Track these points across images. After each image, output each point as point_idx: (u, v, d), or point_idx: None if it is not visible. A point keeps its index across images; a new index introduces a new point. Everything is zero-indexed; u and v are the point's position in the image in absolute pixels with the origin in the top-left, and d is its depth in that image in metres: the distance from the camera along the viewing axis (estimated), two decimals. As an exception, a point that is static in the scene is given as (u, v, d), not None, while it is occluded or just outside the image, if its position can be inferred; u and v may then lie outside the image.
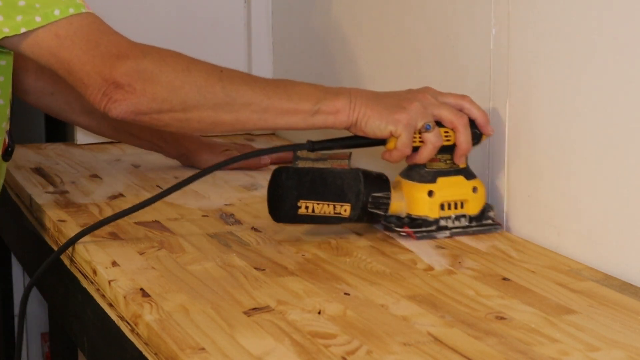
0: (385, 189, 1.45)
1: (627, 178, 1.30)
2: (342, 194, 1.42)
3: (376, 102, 1.43)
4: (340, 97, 1.42)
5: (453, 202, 1.46)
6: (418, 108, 1.43)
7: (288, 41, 2.21)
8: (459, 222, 1.46)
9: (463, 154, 1.46)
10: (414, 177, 1.46)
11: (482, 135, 1.47)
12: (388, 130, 1.42)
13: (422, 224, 1.45)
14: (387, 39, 1.82)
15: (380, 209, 1.44)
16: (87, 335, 1.43)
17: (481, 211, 1.48)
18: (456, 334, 1.11)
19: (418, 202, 1.45)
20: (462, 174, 1.48)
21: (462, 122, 1.44)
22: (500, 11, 1.51)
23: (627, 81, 1.28)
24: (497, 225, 1.48)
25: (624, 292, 1.24)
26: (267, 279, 1.29)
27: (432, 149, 1.44)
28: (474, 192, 1.48)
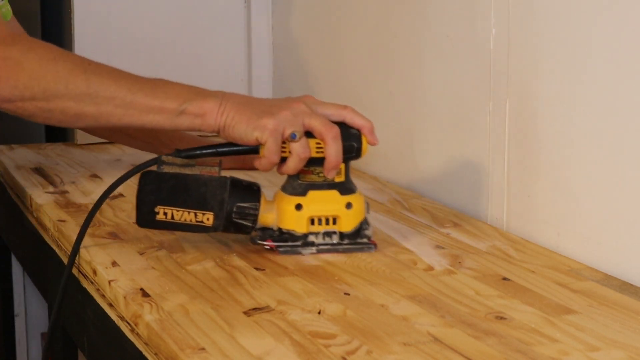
0: (252, 200, 1.37)
1: (627, 178, 1.30)
2: (204, 202, 1.35)
3: (246, 107, 1.36)
4: (209, 100, 1.37)
5: (324, 217, 1.39)
6: (287, 116, 1.35)
7: (288, 41, 2.21)
8: (329, 239, 1.39)
9: (332, 167, 1.36)
10: (287, 189, 1.40)
11: (362, 149, 1.38)
12: (254, 137, 1.35)
13: (288, 239, 1.38)
14: (387, 39, 1.82)
15: (246, 220, 1.36)
16: (87, 335, 1.43)
17: (356, 229, 1.39)
18: (456, 334, 1.11)
19: (286, 215, 1.38)
20: (336, 189, 1.39)
21: (330, 134, 1.35)
22: (500, 11, 1.51)
23: (627, 81, 1.28)
24: (371, 245, 1.40)
25: (624, 292, 1.24)
26: (267, 279, 1.29)
27: (297, 160, 1.35)
28: (347, 208, 1.39)
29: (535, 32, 1.44)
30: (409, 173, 1.78)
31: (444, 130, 1.67)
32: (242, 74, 2.27)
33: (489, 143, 1.55)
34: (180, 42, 2.22)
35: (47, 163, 1.98)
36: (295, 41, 2.19)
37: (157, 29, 2.20)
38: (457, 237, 1.47)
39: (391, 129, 1.83)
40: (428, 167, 1.73)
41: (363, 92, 1.92)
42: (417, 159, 1.76)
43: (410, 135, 1.77)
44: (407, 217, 1.58)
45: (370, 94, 1.89)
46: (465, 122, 1.62)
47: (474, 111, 1.59)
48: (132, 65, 2.19)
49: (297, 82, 2.18)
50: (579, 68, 1.37)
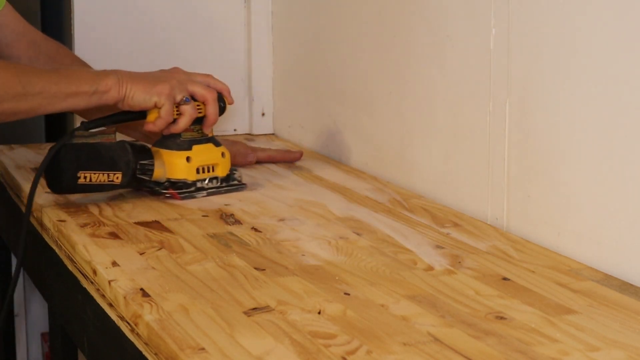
0: (150, 157, 1.63)
1: (627, 178, 1.30)
2: (114, 164, 1.59)
3: (140, 78, 1.62)
4: (110, 76, 1.61)
5: (207, 166, 1.67)
6: (176, 83, 1.63)
7: (288, 41, 2.21)
8: (212, 184, 1.67)
9: (211, 124, 1.67)
10: (172, 146, 1.66)
11: (226, 107, 1.70)
12: (153, 102, 1.61)
13: (182, 187, 1.65)
14: (387, 39, 1.82)
15: (146, 175, 1.63)
16: (87, 335, 1.43)
17: (228, 174, 1.70)
18: (456, 334, 1.11)
19: (178, 167, 1.65)
20: (211, 142, 1.69)
21: (212, 96, 1.66)
22: (500, 11, 1.51)
23: (627, 81, 1.28)
24: (242, 184, 1.72)
25: (624, 292, 1.24)
26: (267, 279, 1.29)
27: (189, 119, 1.64)
28: (222, 157, 1.69)
29: (535, 32, 1.44)
30: (409, 173, 1.78)
31: (444, 129, 1.67)
32: (242, 74, 2.27)
33: (489, 143, 1.55)
34: (180, 42, 2.22)
35: (47, 163, 1.97)
36: (295, 41, 2.19)
37: (157, 29, 2.20)
38: (457, 237, 1.47)
39: (391, 129, 1.83)
40: (428, 167, 1.73)
41: (363, 92, 1.92)
42: (417, 159, 1.76)
43: (410, 135, 1.77)
44: (407, 217, 1.58)
45: (370, 94, 1.89)
46: (465, 122, 1.61)
47: (474, 111, 1.59)
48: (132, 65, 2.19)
49: (297, 82, 2.18)
50: (579, 68, 1.37)
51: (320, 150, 2.07)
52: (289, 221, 1.56)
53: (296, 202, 1.67)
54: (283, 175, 1.87)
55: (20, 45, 1.83)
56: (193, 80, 1.67)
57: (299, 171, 1.90)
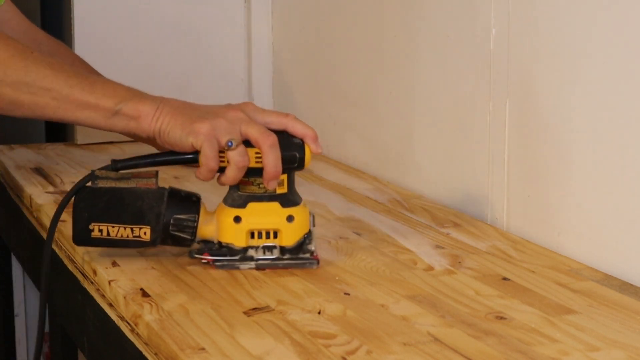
0: (191, 211, 1.32)
1: (627, 178, 1.30)
2: (141, 216, 1.30)
3: (182, 112, 1.32)
4: (146, 102, 1.34)
5: (264, 230, 1.32)
6: (223, 122, 1.30)
7: (288, 41, 2.21)
8: (269, 253, 1.32)
9: (270, 177, 1.29)
10: (227, 200, 1.34)
11: (306, 158, 1.32)
12: (189, 142, 1.30)
13: (226, 252, 1.32)
14: (387, 39, 1.82)
15: (184, 232, 1.31)
16: (87, 335, 1.43)
17: (298, 243, 1.33)
18: (456, 334, 1.11)
19: (224, 228, 1.32)
20: (278, 201, 1.32)
21: (267, 142, 1.29)
22: (500, 11, 1.51)
23: (627, 81, 1.28)
24: (313, 260, 1.33)
25: (624, 292, 1.24)
26: (267, 279, 1.29)
27: (235, 169, 1.29)
28: (288, 221, 1.32)
29: (535, 32, 1.44)
30: (409, 173, 1.78)
31: (444, 130, 1.67)
32: (242, 74, 2.27)
33: (489, 143, 1.55)
34: (180, 42, 2.22)
35: (47, 163, 1.98)
36: (295, 41, 2.19)
37: (157, 29, 2.20)
38: (457, 237, 1.47)
39: (391, 129, 1.83)
40: (428, 167, 1.73)
41: (363, 92, 1.92)
42: (417, 159, 1.76)
43: (410, 135, 1.77)
44: (407, 217, 1.58)
45: (370, 94, 1.89)
46: (465, 122, 1.61)
47: (474, 111, 1.59)
48: (131, 65, 2.20)
49: (297, 82, 2.18)
50: (579, 68, 1.37)
51: (320, 150, 2.07)
52: (289, 221, 1.55)
53: (296, 202, 1.67)
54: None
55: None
56: (252, 120, 1.32)
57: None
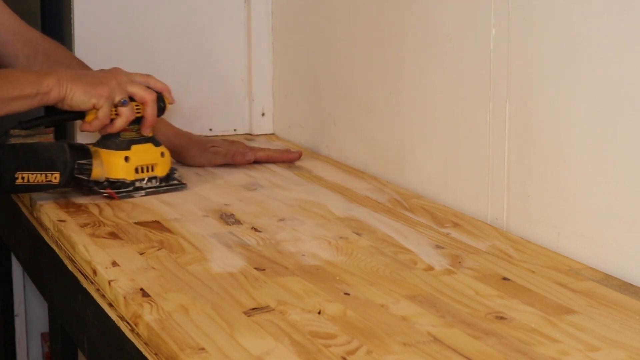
0: (88, 157, 1.64)
1: (627, 178, 1.30)
2: (52, 164, 1.59)
3: (80, 79, 1.62)
4: (51, 76, 1.61)
5: (145, 165, 1.68)
6: (115, 85, 1.64)
7: (288, 41, 2.21)
8: (151, 183, 1.68)
9: (150, 124, 1.68)
10: (111, 145, 1.67)
11: (166, 107, 1.70)
12: (91, 103, 1.62)
13: (120, 186, 1.65)
14: (387, 39, 1.82)
15: (84, 174, 1.63)
16: (87, 335, 1.43)
17: (168, 174, 1.71)
18: (456, 334, 1.11)
19: (116, 167, 1.66)
20: (151, 142, 1.70)
21: (150, 98, 1.67)
22: (500, 11, 1.51)
23: (627, 81, 1.28)
24: (182, 184, 1.72)
25: (624, 292, 1.24)
26: (267, 279, 1.29)
27: (125, 121, 1.65)
28: (162, 156, 1.70)
29: (535, 32, 1.44)
30: (409, 173, 1.78)
31: (444, 130, 1.67)
32: (242, 74, 2.27)
33: (489, 143, 1.55)
34: (180, 42, 2.22)
35: (47, 163, 1.98)
36: (295, 41, 2.19)
37: (157, 29, 2.20)
38: (457, 237, 1.47)
39: (391, 129, 1.83)
40: (428, 167, 1.73)
41: (363, 92, 1.92)
42: (417, 159, 1.76)
43: (410, 135, 1.77)
44: (407, 217, 1.58)
45: (370, 94, 1.89)
46: (465, 122, 1.61)
47: (474, 111, 1.59)
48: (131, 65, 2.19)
49: (297, 82, 2.18)
50: (578, 68, 1.37)
51: (320, 151, 2.07)
52: (289, 221, 1.56)
53: (296, 202, 1.67)
54: (283, 175, 1.87)
55: (16, 44, 1.84)
56: (133, 81, 1.68)
57: (299, 171, 1.90)
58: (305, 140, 2.14)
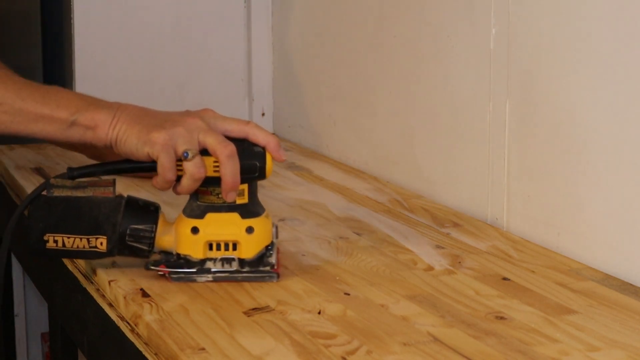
0: (148, 221, 1.27)
1: (627, 178, 1.30)
2: (97, 226, 1.26)
3: (139, 120, 1.27)
4: (102, 111, 1.28)
5: (223, 242, 1.28)
6: (180, 131, 1.25)
7: (288, 41, 2.21)
8: (227, 266, 1.28)
9: (228, 188, 1.25)
10: (186, 211, 1.29)
11: (267, 167, 1.28)
12: (145, 152, 1.26)
13: (183, 264, 1.28)
14: (387, 39, 1.82)
15: (141, 243, 1.27)
16: (87, 335, 1.43)
17: (258, 256, 1.28)
18: (456, 334, 1.11)
19: (182, 239, 1.28)
20: (237, 211, 1.28)
21: (225, 152, 1.25)
22: (500, 11, 1.51)
23: (627, 81, 1.28)
24: (273, 274, 1.28)
25: (624, 292, 1.24)
26: (267, 279, 1.29)
27: (191, 180, 1.25)
28: (248, 232, 1.27)
29: (535, 32, 1.44)
30: (409, 173, 1.78)
31: (444, 130, 1.67)
32: (242, 74, 2.27)
33: (489, 143, 1.55)
34: (180, 42, 2.22)
35: (47, 163, 1.98)
36: (295, 41, 2.19)
37: (157, 29, 2.20)
38: (457, 237, 1.47)
39: (391, 129, 1.83)
40: (428, 167, 1.73)
41: (363, 92, 1.92)
42: (417, 159, 1.76)
43: (410, 135, 1.77)
44: (407, 217, 1.58)
45: (370, 94, 1.89)
46: (465, 122, 1.61)
47: (474, 111, 1.59)
48: (131, 65, 2.19)
49: (297, 82, 2.18)
50: (579, 68, 1.37)
51: (320, 151, 2.07)
52: (289, 221, 1.55)
53: (296, 202, 1.67)
54: (283, 175, 1.87)
55: None
56: (210, 129, 1.27)
57: (299, 171, 1.90)
58: (305, 140, 2.14)
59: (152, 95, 2.19)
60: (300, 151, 2.09)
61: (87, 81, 2.14)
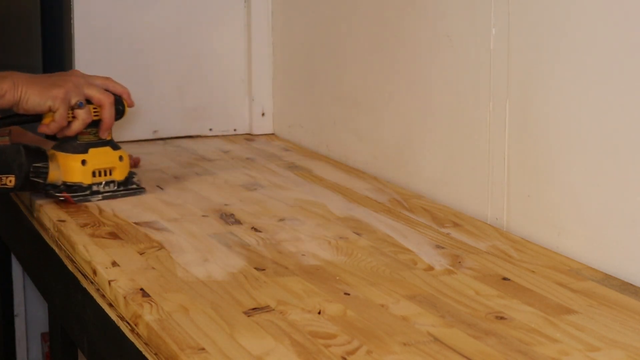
0: (44, 160, 1.62)
1: (627, 178, 1.30)
2: (7, 167, 1.58)
3: (35, 82, 1.61)
4: (5, 80, 1.59)
5: (103, 169, 1.66)
6: (71, 87, 1.62)
7: (288, 41, 2.21)
8: (108, 187, 1.66)
9: (108, 127, 1.66)
10: (68, 149, 1.65)
11: (125, 111, 1.68)
12: (47, 106, 1.60)
13: (77, 190, 1.64)
14: (387, 39, 1.82)
15: (40, 178, 1.61)
16: (87, 335, 1.43)
17: (126, 177, 1.69)
18: (456, 334, 1.11)
19: (73, 171, 1.64)
20: (109, 145, 1.68)
21: (108, 100, 1.65)
22: (500, 11, 1.51)
23: (627, 81, 1.28)
24: (141, 188, 1.70)
25: (624, 292, 1.24)
26: (267, 279, 1.29)
27: (81, 123, 1.64)
28: (120, 160, 1.68)
29: (535, 32, 1.44)
30: (409, 173, 1.78)
31: (444, 130, 1.67)
32: (242, 74, 2.27)
33: (489, 143, 1.55)
34: (180, 42, 2.22)
35: (47, 163, 1.97)
36: (295, 41, 2.19)
37: (157, 29, 2.20)
38: (457, 237, 1.47)
39: (391, 129, 1.83)
40: (428, 167, 1.73)
41: (363, 92, 1.92)
42: (417, 159, 1.76)
43: (410, 135, 1.77)
44: (407, 217, 1.58)
45: (370, 94, 1.89)
46: (465, 122, 1.61)
47: (474, 111, 1.59)
48: (132, 65, 2.19)
49: (297, 82, 2.18)
50: (578, 68, 1.37)
51: (320, 151, 2.07)
52: (289, 221, 1.56)
53: (296, 202, 1.67)
54: (283, 175, 1.87)
55: None
56: (90, 83, 1.66)
57: (299, 171, 1.90)
58: (305, 140, 2.14)
59: (153, 95, 2.19)
60: (300, 151, 2.09)
61: (87, 81, 2.14)
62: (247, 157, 2.03)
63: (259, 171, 1.89)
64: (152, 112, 2.19)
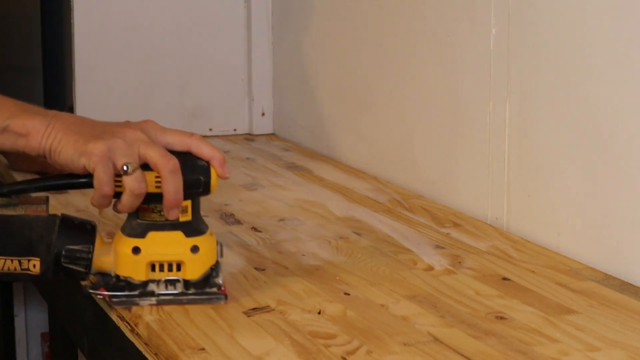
0: (85, 241, 1.17)
1: (627, 178, 1.30)
2: (29, 247, 1.16)
3: (76, 129, 1.17)
4: (35, 118, 1.17)
5: (166, 262, 1.19)
6: (119, 143, 1.15)
7: (288, 41, 2.21)
8: (172, 288, 1.19)
9: (170, 205, 1.16)
10: (125, 229, 1.19)
11: (211, 183, 1.20)
12: (81, 164, 1.15)
13: (125, 287, 1.19)
14: (387, 39, 1.82)
15: (78, 265, 1.17)
16: (87, 335, 1.43)
17: (204, 276, 1.20)
18: (456, 334, 1.11)
19: (122, 260, 1.18)
20: (181, 229, 1.18)
21: (167, 167, 1.15)
22: (500, 11, 1.51)
23: (627, 81, 1.28)
24: (220, 295, 1.20)
25: (624, 292, 1.24)
26: (267, 279, 1.29)
27: (131, 196, 1.15)
28: (193, 252, 1.19)
29: (535, 32, 1.44)
30: (409, 173, 1.78)
31: (444, 130, 1.67)
32: (242, 74, 2.27)
33: (489, 143, 1.55)
34: (180, 42, 2.22)
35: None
36: (295, 41, 2.19)
37: (157, 29, 2.20)
38: (457, 237, 1.47)
39: (391, 129, 1.83)
40: (428, 167, 1.73)
41: (363, 92, 1.92)
42: (417, 159, 1.76)
43: (410, 135, 1.77)
44: (407, 217, 1.58)
45: (370, 94, 1.89)
46: (465, 122, 1.61)
47: (474, 111, 1.59)
48: (131, 66, 2.19)
49: (297, 82, 2.18)
50: (578, 68, 1.37)
51: (320, 151, 2.07)
52: (289, 221, 1.56)
53: (296, 202, 1.67)
54: (283, 175, 1.87)
55: None
56: (154, 141, 1.18)
57: (299, 171, 1.90)
58: (305, 140, 2.14)
59: (152, 95, 2.19)
60: (300, 151, 2.09)
61: (87, 81, 2.14)
62: (247, 157, 2.03)
63: (259, 171, 1.89)
64: (152, 112, 2.19)
